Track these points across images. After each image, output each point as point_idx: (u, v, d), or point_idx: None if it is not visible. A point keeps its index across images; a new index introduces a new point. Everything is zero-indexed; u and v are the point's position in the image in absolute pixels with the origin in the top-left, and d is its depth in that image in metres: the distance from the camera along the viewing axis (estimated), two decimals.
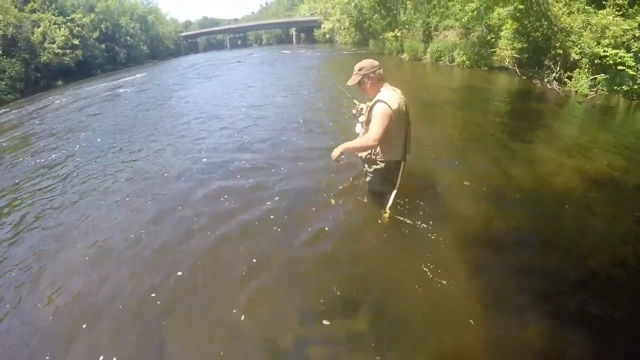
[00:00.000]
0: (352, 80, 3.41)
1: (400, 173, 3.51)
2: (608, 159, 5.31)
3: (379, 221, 3.57)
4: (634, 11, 9.16)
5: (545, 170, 4.86)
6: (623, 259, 3.14)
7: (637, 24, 8.71)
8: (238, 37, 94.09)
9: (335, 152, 3.42)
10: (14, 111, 17.76)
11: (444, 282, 2.85)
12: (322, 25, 37.17)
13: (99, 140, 8.24)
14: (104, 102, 15.22)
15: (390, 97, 3.25)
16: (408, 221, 3.54)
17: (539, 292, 2.74)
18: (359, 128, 3.86)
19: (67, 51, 34.29)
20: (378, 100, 3.25)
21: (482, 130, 6.84)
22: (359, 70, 3.35)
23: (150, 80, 22.32)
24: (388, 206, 3.51)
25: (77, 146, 7.97)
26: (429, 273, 2.95)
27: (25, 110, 16.93)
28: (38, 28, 32.28)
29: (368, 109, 3.44)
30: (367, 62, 3.35)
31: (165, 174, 5.64)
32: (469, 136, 6.52)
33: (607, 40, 9.03)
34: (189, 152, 6.62)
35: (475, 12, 13.45)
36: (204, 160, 6.06)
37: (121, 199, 5.01)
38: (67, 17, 36.82)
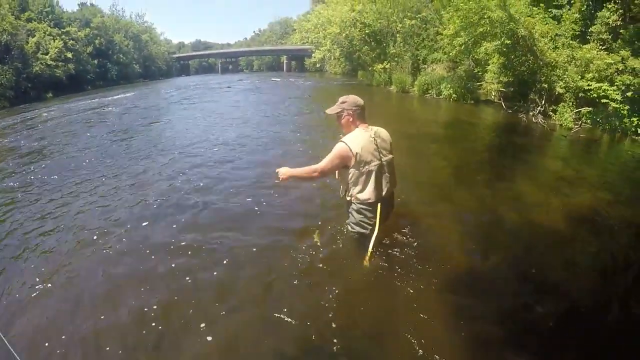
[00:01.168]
0: (332, 110, 3.39)
1: (377, 215, 3.36)
2: (593, 194, 5.35)
3: (361, 265, 3.35)
4: (617, 45, 9.48)
5: (531, 209, 4.78)
6: (610, 304, 3.04)
7: (621, 57, 9.02)
8: (229, 61, 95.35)
9: (283, 175, 3.45)
10: None
11: (426, 329, 2.71)
12: (313, 55, 37.66)
13: (59, 170, 7.44)
14: (84, 122, 14.60)
15: (355, 139, 3.22)
16: (390, 264, 3.37)
17: (521, 341, 2.64)
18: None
19: (60, 63, 34.18)
20: (341, 140, 3.26)
21: (468, 167, 6.78)
22: (342, 102, 3.33)
23: (136, 101, 21.83)
24: (368, 252, 3.29)
25: (34, 176, 7.21)
26: (411, 319, 2.80)
27: (7, 122, 16.53)
28: (33, 37, 32.21)
29: None
30: (352, 98, 3.34)
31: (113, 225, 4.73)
32: (454, 173, 6.41)
33: (591, 74, 9.31)
34: (143, 198, 5.59)
35: (462, 46, 13.75)
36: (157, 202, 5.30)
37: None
38: (62, 30, 36.87)
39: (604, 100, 8.91)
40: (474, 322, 2.76)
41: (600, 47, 9.84)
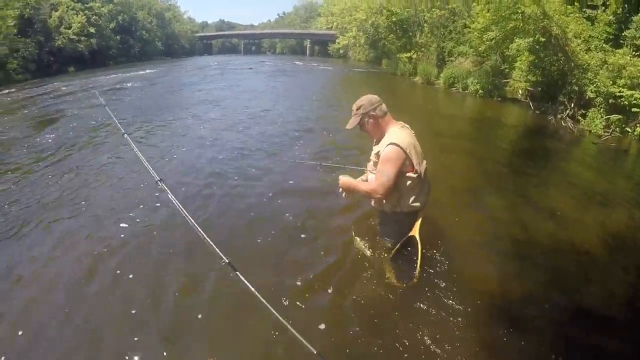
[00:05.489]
0: (351, 123, 2.97)
1: (418, 223, 3.04)
2: (628, 212, 5.10)
3: (383, 280, 3.14)
4: None
5: (565, 224, 4.50)
6: None
7: None
8: (252, 43, 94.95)
9: (343, 183, 3.03)
10: (14, 94, 17.43)
11: None
12: (337, 41, 37.17)
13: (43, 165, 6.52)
14: (96, 100, 12.80)
15: (400, 137, 2.82)
16: (417, 285, 3.05)
17: None
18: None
19: (82, 38, 34.32)
20: (389, 143, 2.79)
21: (498, 170, 6.56)
22: (357, 109, 2.92)
23: (154, 79, 21.68)
24: (417, 270, 2.99)
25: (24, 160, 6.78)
26: (437, 351, 2.52)
27: (23, 95, 16.70)
28: (56, 12, 32.38)
29: (376, 154, 2.98)
30: (366, 99, 2.93)
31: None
32: (484, 176, 6.18)
33: (623, 81, 8.95)
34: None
35: (492, 41, 13.37)
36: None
37: None
38: (85, 5, 36.93)
39: (634, 109, 8.58)
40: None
41: (633, 53, 9.47)
